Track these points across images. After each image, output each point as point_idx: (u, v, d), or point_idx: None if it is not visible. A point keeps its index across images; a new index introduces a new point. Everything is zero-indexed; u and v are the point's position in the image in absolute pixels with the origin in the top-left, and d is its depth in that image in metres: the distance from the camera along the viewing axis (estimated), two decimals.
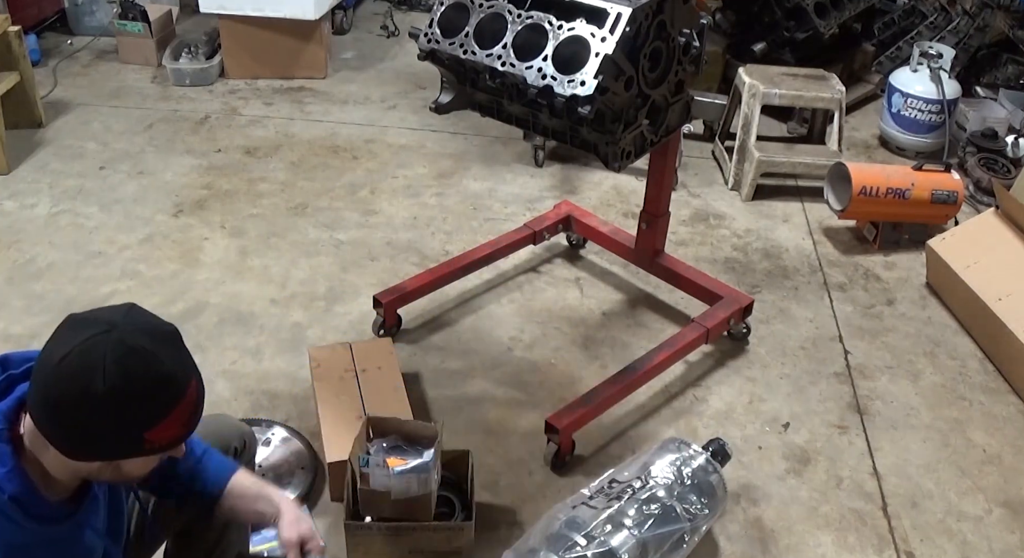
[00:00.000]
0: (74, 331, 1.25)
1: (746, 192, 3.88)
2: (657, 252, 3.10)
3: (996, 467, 2.64)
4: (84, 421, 1.23)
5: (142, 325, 1.28)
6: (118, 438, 1.26)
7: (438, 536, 2.16)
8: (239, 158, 4.00)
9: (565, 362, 2.93)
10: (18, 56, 3.97)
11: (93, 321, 1.26)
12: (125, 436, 1.26)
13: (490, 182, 3.90)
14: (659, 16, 2.32)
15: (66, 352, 1.22)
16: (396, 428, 2.28)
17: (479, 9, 2.39)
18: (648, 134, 2.52)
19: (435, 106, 2.64)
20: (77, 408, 1.22)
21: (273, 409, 2.68)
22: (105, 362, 1.21)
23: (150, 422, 1.26)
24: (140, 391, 1.24)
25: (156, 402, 1.26)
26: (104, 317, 1.27)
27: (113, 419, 1.23)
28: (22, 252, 3.32)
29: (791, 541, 2.37)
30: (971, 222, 3.35)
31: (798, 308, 3.24)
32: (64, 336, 1.25)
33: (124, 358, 1.22)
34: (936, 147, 4.25)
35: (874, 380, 2.94)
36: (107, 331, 1.23)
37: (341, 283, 3.23)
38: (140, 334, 1.26)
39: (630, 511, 2.10)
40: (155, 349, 1.26)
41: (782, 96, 3.84)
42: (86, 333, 1.23)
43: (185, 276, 3.22)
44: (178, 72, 4.61)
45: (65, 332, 1.26)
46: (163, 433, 1.28)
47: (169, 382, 1.27)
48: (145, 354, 1.24)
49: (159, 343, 1.28)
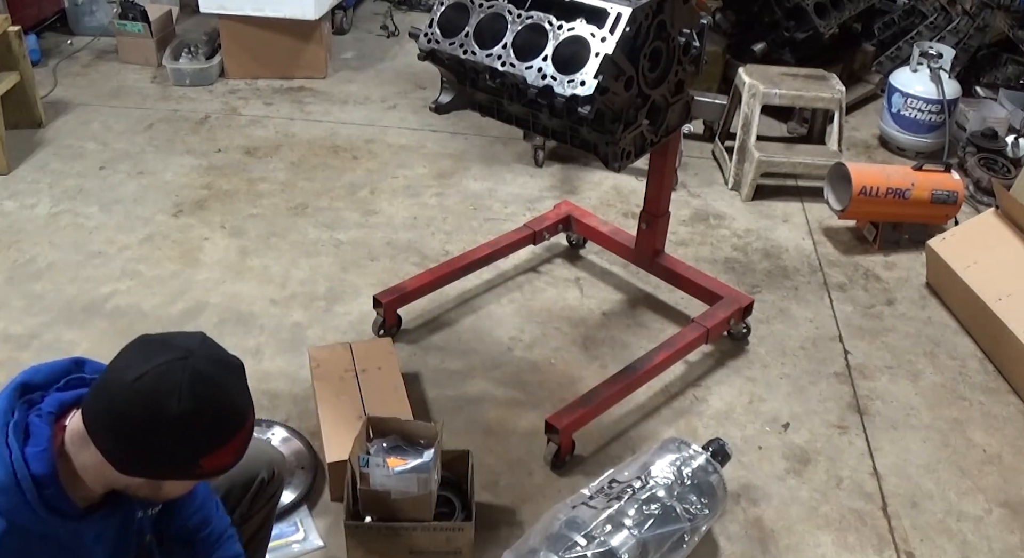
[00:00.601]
0: (150, 353, 1.30)
1: (746, 192, 3.88)
2: (657, 252, 3.10)
3: (996, 467, 2.64)
4: (148, 440, 1.28)
5: (215, 356, 1.34)
6: (175, 460, 1.32)
7: (438, 536, 2.16)
8: (239, 158, 4.00)
9: (565, 362, 2.93)
10: (18, 56, 3.97)
11: (170, 346, 1.32)
12: (182, 459, 1.32)
13: (490, 182, 3.90)
14: (659, 16, 2.32)
15: (142, 372, 1.27)
16: (396, 428, 2.28)
17: (479, 9, 2.39)
18: (648, 134, 2.52)
19: (435, 106, 2.64)
20: (145, 427, 1.27)
21: (273, 409, 2.68)
22: (181, 387, 1.27)
23: (209, 449, 1.32)
24: (208, 418, 1.30)
25: (219, 431, 1.32)
26: (181, 343, 1.33)
27: (177, 442, 1.29)
28: (22, 252, 3.32)
29: (791, 541, 2.37)
30: (971, 222, 3.35)
31: (798, 308, 3.24)
32: (139, 357, 1.31)
33: (198, 385, 1.28)
34: (936, 147, 4.25)
35: (874, 380, 2.94)
36: (184, 357, 1.29)
37: (341, 283, 3.23)
38: (213, 364, 1.32)
39: (630, 511, 2.10)
40: (225, 380, 1.33)
41: (782, 96, 3.84)
42: (164, 357, 1.29)
43: (185, 276, 3.22)
44: (178, 72, 4.61)
45: (139, 353, 1.32)
46: (217, 460, 1.34)
47: (233, 413, 1.34)
48: (217, 384, 1.31)
49: (228, 374, 1.34)
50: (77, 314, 3.02)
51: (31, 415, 1.34)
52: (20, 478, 1.30)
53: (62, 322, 2.98)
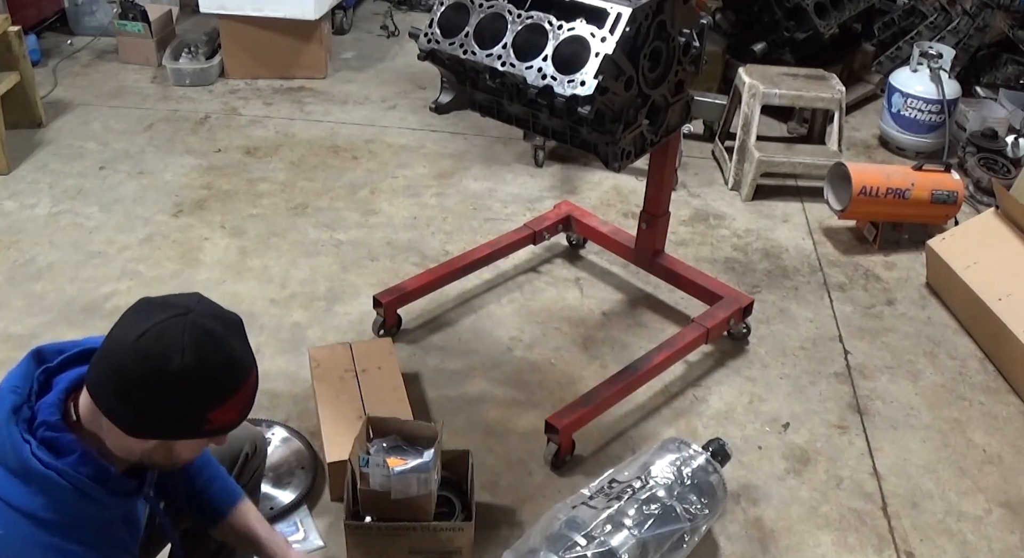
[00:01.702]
0: (150, 312, 1.32)
1: (746, 192, 3.88)
2: (657, 252, 3.10)
3: (996, 467, 2.64)
4: (154, 397, 1.30)
5: (214, 312, 1.36)
6: (183, 416, 1.33)
7: (438, 536, 2.16)
8: (239, 158, 4.00)
9: (565, 362, 2.93)
10: (18, 56, 3.97)
11: (168, 305, 1.33)
12: (189, 414, 1.33)
13: (490, 182, 3.90)
14: (659, 16, 2.32)
15: (143, 331, 1.29)
16: (396, 428, 2.28)
17: (479, 9, 2.39)
18: (648, 134, 2.52)
19: (435, 106, 2.64)
20: (150, 384, 1.28)
21: (273, 409, 2.68)
22: (184, 341, 1.28)
23: (215, 402, 1.33)
24: (211, 371, 1.31)
25: (223, 384, 1.33)
26: (179, 302, 1.34)
27: (183, 396, 1.30)
28: (22, 252, 3.32)
29: (791, 541, 2.37)
30: (971, 222, 3.35)
31: (798, 308, 3.24)
32: (139, 317, 1.32)
33: (200, 339, 1.29)
34: (936, 147, 4.25)
35: (874, 380, 2.94)
36: (184, 314, 1.31)
37: (341, 283, 3.23)
38: (213, 319, 1.34)
39: (630, 511, 2.10)
40: (226, 333, 1.34)
41: (782, 96, 3.84)
42: (163, 314, 1.31)
43: (185, 276, 3.22)
44: (178, 72, 4.61)
45: (139, 314, 1.33)
46: (223, 415, 1.35)
47: (237, 366, 1.35)
48: (218, 337, 1.32)
49: (229, 328, 1.36)
50: (77, 314, 3.02)
51: (40, 432, 1.35)
52: (82, 487, 1.34)
53: (62, 322, 2.98)
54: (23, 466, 1.32)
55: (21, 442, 1.33)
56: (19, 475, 1.32)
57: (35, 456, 1.32)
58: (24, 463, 1.32)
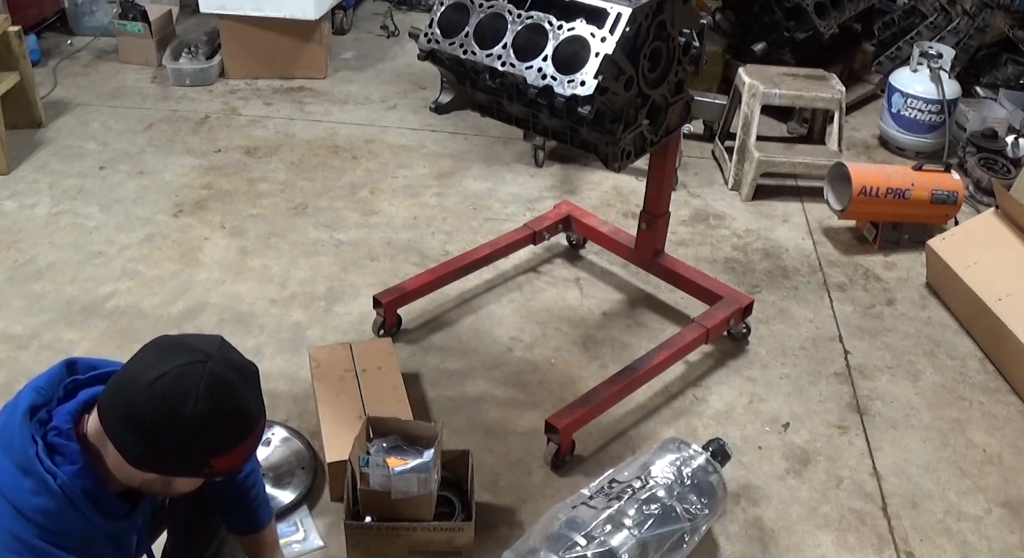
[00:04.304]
0: (169, 355, 1.35)
1: (746, 192, 3.88)
2: (657, 252, 3.10)
3: (996, 467, 2.64)
4: (163, 438, 1.33)
5: (232, 361, 1.39)
6: (187, 459, 1.37)
7: (438, 536, 2.16)
8: (239, 158, 4.00)
9: (565, 362, 2.93)
10: (18, 56, 3.97)
11: (189, 348, 1.37)
12: (193, 458, 1.37)
13: (490, 182, 3.90)
14: (659, 16, 2.32)
15: (161, 373, 1.32)
16: (396, 428, 2.29)
17: (479, 9, 2.39)
18: (648, 134, 2.52)
19: (435, 106, 2.64)
20: (161, 425, 1.32)
21: (273, 409, 2.67)
22: (199, 389, 1.32)
23: (220, 450, 1.38)
24: (222, 421, 1.35)
25: (231, 433, 1.38)
26: (200, 347, 1.37)
27: (190, 441, 1.34)
28: (22, 252, 3.32)
29: (791, 541, 2.37)
30: (971, 222, 3.35)
31: (798, 308, 3.24)
32: (157, 358, 1.36)
33: (215, 388, 1.33)
34: (936, 147, 4.25)
35: (874, 380, 2.94)
36: (203, 361, 1.34)
37: (341, 283, 3.23)
38: (231, 369, 1.37)
39: (630, 511, 2.10)
40: (241, 385, 1.38)
41: (782, 96, 3.84)
42: (182, 359, 1.34)
43: (185, 276, 3.22)
44: (178, 72, 4.61)
45: (158, 354, 1.37)
46: (226, 462, 1.40)
47: (247, 417, 1.39)
48: (233, 388, 1.36)
49: (244, 379, 1.39)
50: (77, 314, 3.02)
51: (50, 435, 1.39)
52: (74, 499, 1.36)
53: (62, 322, 2.98)
54: (26, 464, 1.35)
55: (30, 441, 1.36)
56: (20, 469, 1.35)
57: (39, 458, 1.35)
58: (28, 461, 1.35)
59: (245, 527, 1.86)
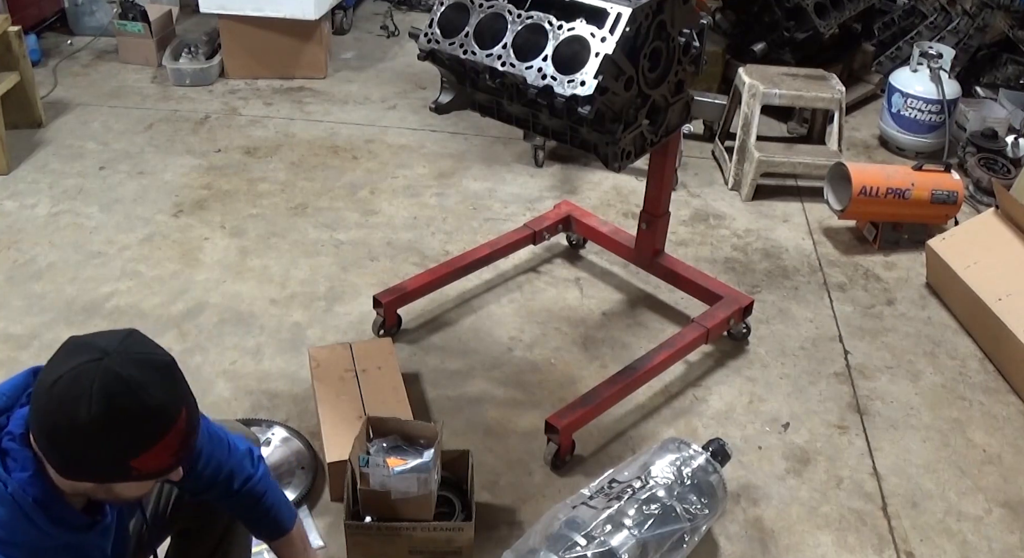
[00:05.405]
0: (69, 355, 1.27)
1: (746, 192, 3.88)
2: (657, 252, 3.10)
3: (996, 467, 2.64)
4: (71, 445, 1.25)
5: (135, 354, 1.28)
6: (103, 464, 1.28)
7: (438, 536, 2.16)
8: (239, 158, 4.00)
9: (565, 362, 2.93)
10: (18, 56, 3.97)
11: (88, 347, 1.27)
12: (111, 463, 1.27)
13: (490, 182, 3.90)
14: (659, 16, 2.32)
15: (57, 377, 1.24)
16: (396, 428, 2.29)
17: (479, 9, 2.39)
18: (648, 134, 2.52)
19: (435, 106, 2.64)
20: (64, 433, 1.24)
21: (273, 409, 2.68)
22: (92, 390, 1.22)
23: (135, 451, 1.27)
24: (124, 421, 1.24)
25: (141, 433, 1.26)
26: (99, 344, 1.27)
27: (98, 446, 1.25)
28: (22, 252, 3.32)
29: (791, 541, 2.37)
30: (971, 222, 3.35)
31: (798, 308, 3.24)
32: (60, 359, 1.27)
33: (110, 387, 1.23)
34: (936, 147, 4.25)
35: (874, 380, 2.94)
36: (98, 359, 1.24)
37: (341, 283, 3.23)
38: (131, 364, 1.25)
39: (630, 511, 2.10)
40: (144, 379, 1.25)
41: (782, 96, 3.84)
42: (79, 359, 1.25)
43: (185, 276, 3.22)
44: (178, 72, 4.61)
45: (62, 355, 1.28)
46: (150, 462, 1.29)
47: (155, 414, 1.27)
48: (132, 384, 1.24)
49: (150, 373, 1.27)
50: (77, 314, 3.02)
51: (4, 440, 1.32)
52: (25, 507, 1.29)
53: (62, 322, 2.98)
54: None
55: None
56: None
57: None
58: None
59: (272, 533, 1.80)
